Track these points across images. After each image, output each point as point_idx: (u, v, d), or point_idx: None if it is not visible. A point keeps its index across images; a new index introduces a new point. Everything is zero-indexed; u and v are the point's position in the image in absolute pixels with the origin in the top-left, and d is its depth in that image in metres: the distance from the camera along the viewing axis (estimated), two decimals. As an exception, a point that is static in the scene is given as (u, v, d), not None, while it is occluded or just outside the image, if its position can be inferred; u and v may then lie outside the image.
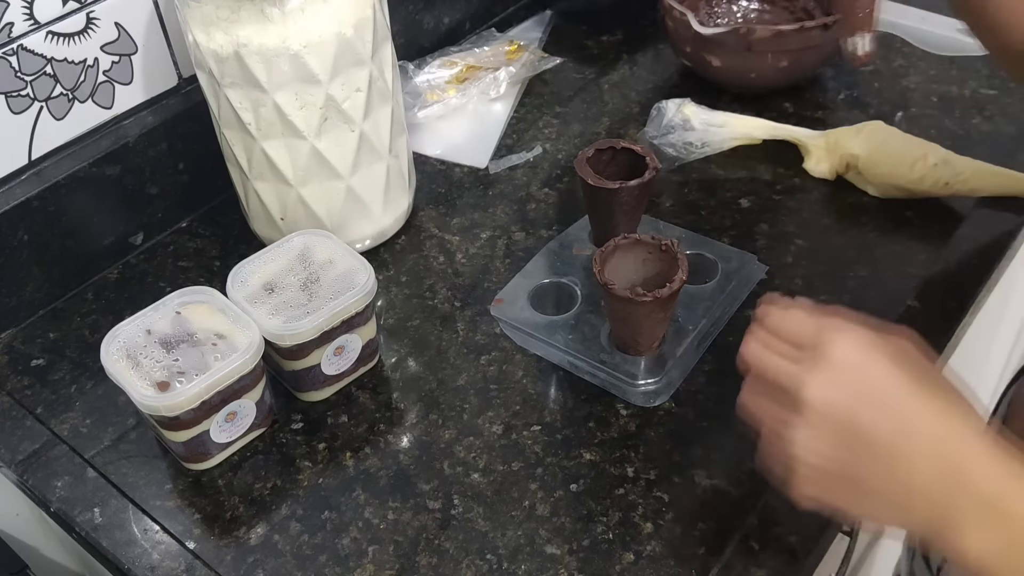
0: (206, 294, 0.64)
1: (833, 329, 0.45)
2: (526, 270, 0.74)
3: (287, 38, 0.65)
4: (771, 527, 0.55)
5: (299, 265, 0.66)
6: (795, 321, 0.46)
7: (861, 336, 0.44)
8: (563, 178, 0.85)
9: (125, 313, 0.65)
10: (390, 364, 0.70)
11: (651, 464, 0.61)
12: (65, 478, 0.62)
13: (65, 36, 0.71)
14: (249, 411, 0.63)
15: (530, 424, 0.64)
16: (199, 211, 0.84)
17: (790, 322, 0.46)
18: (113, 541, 0.59)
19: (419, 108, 0.93)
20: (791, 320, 0.46)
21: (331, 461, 0.63)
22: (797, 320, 0.46)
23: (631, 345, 0.66)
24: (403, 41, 0.95)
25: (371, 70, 0.70)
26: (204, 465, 0.63)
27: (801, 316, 0.46)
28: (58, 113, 0.73)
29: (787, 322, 0.46)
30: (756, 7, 1.01)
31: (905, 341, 0.45)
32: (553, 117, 0.93)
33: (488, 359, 0.69)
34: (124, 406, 0.67)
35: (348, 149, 0.72)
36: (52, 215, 0.73)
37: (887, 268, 0.74)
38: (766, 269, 0.74)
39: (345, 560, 0.58)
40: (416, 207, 0.83)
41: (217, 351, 0.61)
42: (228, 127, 0.72)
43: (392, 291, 0.76)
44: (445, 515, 0.59)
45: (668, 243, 0.64)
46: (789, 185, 0.82)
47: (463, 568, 0.57)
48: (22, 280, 0.73)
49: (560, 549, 0.57)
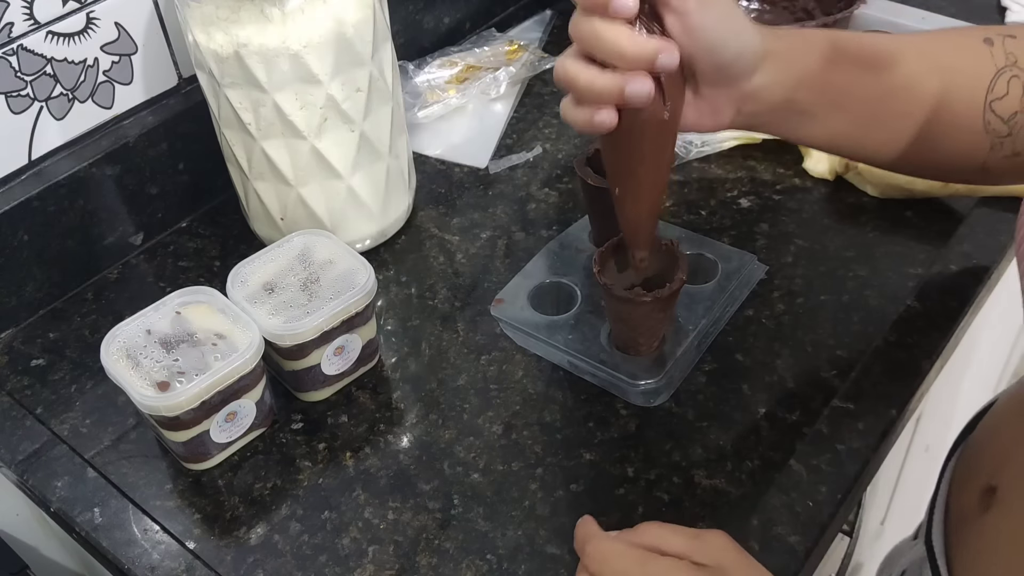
0: (206, 294, 0.64)
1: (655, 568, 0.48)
2: (526, 270, 0.74)
3: (287, 38, 0.65)
4: (771, 527, 0.55)
5: (299, 265, 0.66)
6: (620, 567, 0.49)
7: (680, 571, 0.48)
8: (563, 178, 0.85)
9: (125, 313, 0.65)
10: (390, 364, 0.70)
11: (651, 464, 0.61)
12: (65, 478, 0.62)
13: (65, 36, 0.71)
14: (249, 411, 0.63)
15: (530, 424, 0.64)
16: (199, 211, 0.84)
17: (612, 570, 0.50)
18: (113, 541, 0.59)
19: (419, 108, 0.93)
20: (613, 567, 0.50)
21: (331, 461, 0.63)
22: (621, 567, 0.49)
23: (631, 345, 0.66)
24: (403, 41, 0.95)
25: (371, 70, 0.70)
26: (204, 465, 0.63)
27: (624, 563, 0.50)
28: (58, 113, 0.73)
29: (609, 570, 0.50)
30: (756, 7, 1.01)
31: (720, 554, 0.49)
32: (553, 117, 0.93)
33: (488, 359, 0.69)
34: (124, 406, 0.67)
35: (348, 149, 0.72)
36: (52, 215, 0.73)
37: (887, 268, 0.74)
38: (766, 269, 0.74)
39: (345, 560, 0.58)
40: (416, 207, 0.83)
41: (217, 351, 0.61)
42: (228, 127, 0.72)
43: (392, 291, 0.76)
44: (445, 515, 0.60)
45: (668, 243, 0.64)
46: (789, 185, 0.82)
47: (463, 568, 0.57)
48: (22, 280, 0.73)
49: (560, 549, 0.57)
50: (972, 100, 0.58)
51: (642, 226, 0.58)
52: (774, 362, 0.67)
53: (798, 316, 0.71)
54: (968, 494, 0.55)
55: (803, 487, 0.57)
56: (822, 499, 0.56)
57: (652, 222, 0.58)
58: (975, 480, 0.55)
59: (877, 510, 0.97)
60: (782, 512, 0.56)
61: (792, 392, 0.65)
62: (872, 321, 0.69)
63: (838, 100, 0.58)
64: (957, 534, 0.56)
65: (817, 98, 0.57)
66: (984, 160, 0.60)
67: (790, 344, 0.68)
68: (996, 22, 1.01)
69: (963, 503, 0.56)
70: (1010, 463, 0.51)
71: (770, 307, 0.71)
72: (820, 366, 0.67)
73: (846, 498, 0.57)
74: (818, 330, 0.69)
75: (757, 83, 0.54)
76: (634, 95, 0.49)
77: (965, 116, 0.58)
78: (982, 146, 0.59)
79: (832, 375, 0.66)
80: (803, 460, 0.58)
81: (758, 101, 0.55)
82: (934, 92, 0.58)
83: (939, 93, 0.58)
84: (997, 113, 0.58)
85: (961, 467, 0.59)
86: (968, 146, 0.59)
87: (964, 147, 0.60)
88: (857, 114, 0.59)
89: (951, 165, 0.62)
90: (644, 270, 0.62)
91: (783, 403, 0.64)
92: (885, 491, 0.97)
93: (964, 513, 0.55)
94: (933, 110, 0.59)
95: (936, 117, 0.59)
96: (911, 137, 0.60)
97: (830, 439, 0.59)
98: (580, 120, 0.51)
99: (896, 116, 0.59)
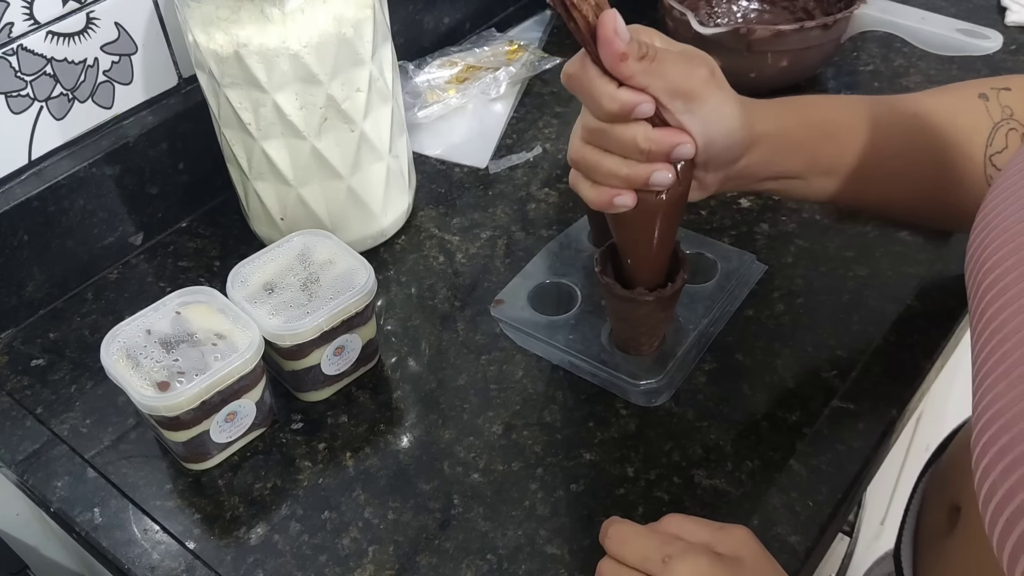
0: (206, 294, 0.64)
1: (674, 556, 0.48)
2: (526, 270, 0.74)
3: (287, 38, 0.65)
4: (771, 527, 0.55)
5: (299, 265, 0.66)
6: (638, 547, 0.50)
7: (700, 563, 0.47)
8: (563, 178, 0.85)
9: (125, 313, 0.65)
10: (390, 364, 0.70)
11: (651, 464, 0.61)
12: (65, 478, 0.62)
13: (65, 36, 0.71)
14: (249, 411, 0.63)
15: (530, 424, 0.64)
16: (199, 211, 0.84)
17: (631, 550, 0.50)
18: (113, 541, 0.59)
19: (419, 108, 0.93)
20: (631, 547, 0.50)
21: (331, 461, 0.63)
22: (639, 546, 0.49)
23: (632, 345, 0.66)
24: (403, 41, 0.95)
25: (371, 70, 0.70)
26: (204, 465, 0.63)
27: (642, 541, 0.50)
28: (58, 113, 0.73)
29: (628, 550, 0.50)
30: (756, 7, 1.01)
31: (740, 546, 0.49)
32: (553, 117, 0.93)
33: (488, 359, 0.69)
34: (124, 406, 0.67)
35: (348, 149, 0.72)
36: (52, 215, 0.73)
37: (887, 268, 0.74)
38: (766, 269, 0.74)
39: (345, 560, 0.58)
40: (416, 207, 0.83)
41: (217, 351, 0.61)
42: (228, 127, 0.72)
43: (392, 291, 0.76)
44: (445, 515, 0.60)
45: (668, 243, 0.64)
46: (789, 185, 0.82)
47: (463, 568, 0.57)
48: (22, 280, 0.73)
49: (560, 549, 0.57)
50: (972, 157, 0.59)
51: (652, 283, 0.61)
52: (774, 362, 0.67)
53: (798, 316, 0.71)
54: (937, 512, 0.55)
55: (803, 487, 0.57)
56: (822, 499, 0.56)
57: (660, 279, 0.61)
58: (944, 499, 0.55)
59: (877, 510, 0.97)
60: (782, 512, 0.56)
61: (792, 392, 0.65)
62: (872, 321, 0.69)
63: (831, 168, 0.60)
64: (925, 552, 0.56)
65: (809, 167, 0.59)
66: None
67: (790, 344, 0.68)
68: (996, 22, 1.01)
69: (932, 521, 0.56)
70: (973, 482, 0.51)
71: (770, 307, 0.71)
72: (820, 366, 0.67)
73: (846, 498, 0.57)
74: (818, 330, 0.69)
75: (744, 164, 0.56)
76: (657, 184, 0.52)
77: (968, 173, 0.59)
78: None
79: (832, 375, 0.66)
80: (803, 460, 0.58)
81: (745, 177, 0.58)
82: (932, 154, 0.59)
83: (938, 154, 0.59)
84: (997, 167, 0.59)
85: (932, 485, 0.59)
86: (973, 201, 0.59)
87: (969, 203, 0.59)
88: (851, 178, 0.60)
89: (957, 220, 0.62)
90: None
91: (783, 403, 0.64)
92: (885, 491, 0.97)
93: (932, 532, 0.55)
94: (933, 171, 0.60)
95: (938, 176, 0.60)
96: (912, 196, 0.61)
97: (830, 439, 0.59)
98: (599, 201, 0.53)
99: (893, 178, 0.61)
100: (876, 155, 0.59)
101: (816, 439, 0.59)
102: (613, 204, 0.53)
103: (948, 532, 0.52)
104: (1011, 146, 0.58)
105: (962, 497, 0.51)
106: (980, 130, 0.59)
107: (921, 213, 0.64)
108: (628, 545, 0.50)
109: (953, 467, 0.57)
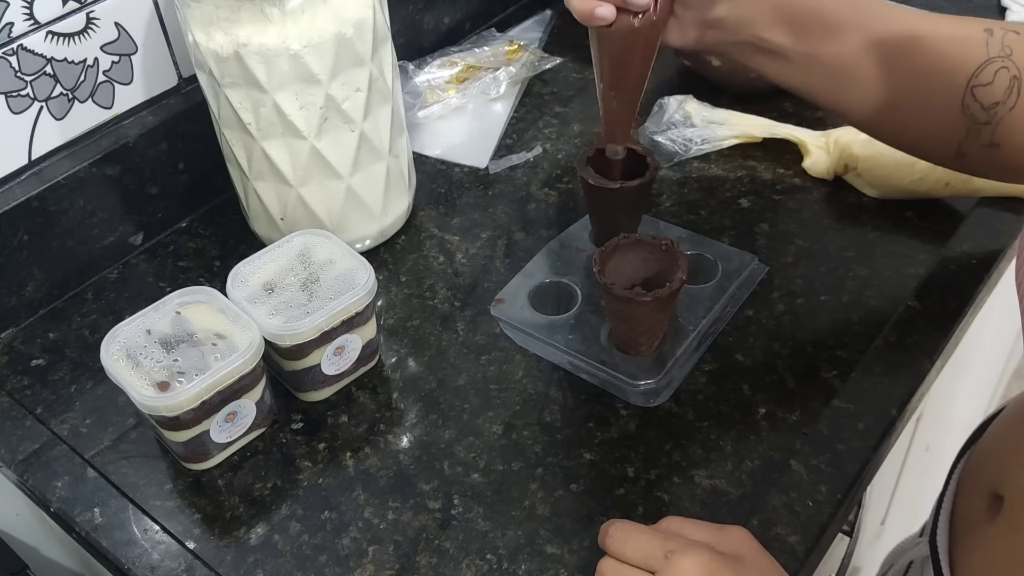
0: (206, 294, 0.64)
1: (676, 552, 0.48)
2: (526, 270, 0.74)
3: (287, 38, 0.65)
4: (771, 527, 0.55)
5: (299, 265, 0.66)
6: (639, 544, 0.50)
7: (703, 557, 0.48)
8: (563, 178, 0.85)
9: (125, 313, 0.65)
10: (390, 364, 0.70)
11: (651, 464, 0.61)
12: (65, 478, 0.62)
13: (65, 36, 0.71)
14: (249, 411, 0.63)
15: (530, 424, 0.64)
16: (199, 211, 0.84)
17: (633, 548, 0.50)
18: (113, 541, 0.59)
19: (419, 108, 0.93)
20: (633, 545, 0.50)
21: (331, 461, 0.63)
22: (641, 543, 0.50)
23: (631, 345, 0.66)
24: (403, 41, 0.95)
25: (371, 70, 0.70)
26: (204, 465, 0.63)
27: (644, 539, 0.50)
28: (58, 113, 0.73)
29: (630, 548, 0.50)
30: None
31: (740, 545, 0.50)
32: (553, 117, 0.93)
33: (488, 359, 0.69)
34: (124, 406, 0.67)
35: (348, 149, 0.72)
36: (52, 215, 0.73)
37: (887, 268, 0.74)
38: (766, 269, 0.74)
39: (345, 560, 0.58)
40: (416, 207, 0.83)
41: (217, 351, 0.61)
42: (228, 127, 0.72)
43: (392, 291, 0.76)
44: (445, 515, 0.60)
45: (668, 243, 0.64)
46: (789, 185, 0.82)
47: (463, 568, 0.57)
48: (22, 280, 0.73)
49: (560, 549, 0.57)
50: (952, 80, 0.59)
51: (621, 118, 0.65)
52: (774, 362, 0.67)
53: (798, 316, 0.71)
54: (975, 499, 0.55)
55: (803, 487, 0.57)
56: (822, 499, 0.56)
57: (630, 116, 0.66)
58: (982, 486, 0.55)
59: (877, 510, 0.97)
60: (782, 512, 0.56)
61: (792, 392, 0.65)
62: (872, 321, 0.69)
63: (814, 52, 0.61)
64: (962, 537, 0.56)
65: (793, 44, 0.61)
66: (959, 144, 0.60)
67: (790, 344, 0.68)
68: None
69: (970, 508, 0.56)
70: (1018, 473, 0.51)
71: (770, 307, 0.71)
72: (820, 366, 0.67)
73: (846, 498, 0.57)
74: (818, 330, 0.69)
75: (719, 14, 0.60)
76: (634, 2, 0.58)
77: (942, 95, 0.59)
78: (957, 128, 0.60)
79: (832, 375, 0.66)
80: (803, 460, 0.58)
81: (722, 31, 0.62)
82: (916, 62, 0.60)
83: (921, 66, 0.59)
84: (977, 98, 0.58)
85: (969, 471, 0.59)
86: (943, 125, 0.61)
87: (939, 125, 0.61)
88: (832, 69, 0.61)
89: (926, 142, 0.63)
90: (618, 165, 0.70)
91: (783, 403, 0.64)
92: (885, 491, 0.97)
93: (970, 518, 0.55)
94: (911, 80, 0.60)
95: (913, 87, 0.60)
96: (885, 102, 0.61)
97: (830, 439, 0.59)
98: (582, 8, 0.59)
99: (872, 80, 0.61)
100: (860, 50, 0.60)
101: (816, 439, 0.59)
102: (595, 15, 0.58)
103: (988, 519, 0.52)
104: (997, 85, 0.58)
105: (1006, 487, 0.52)
106: (970, 59, 0.58)
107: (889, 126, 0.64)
108: (630, 543, 0.50)
109: (991, 455, 0.57)
